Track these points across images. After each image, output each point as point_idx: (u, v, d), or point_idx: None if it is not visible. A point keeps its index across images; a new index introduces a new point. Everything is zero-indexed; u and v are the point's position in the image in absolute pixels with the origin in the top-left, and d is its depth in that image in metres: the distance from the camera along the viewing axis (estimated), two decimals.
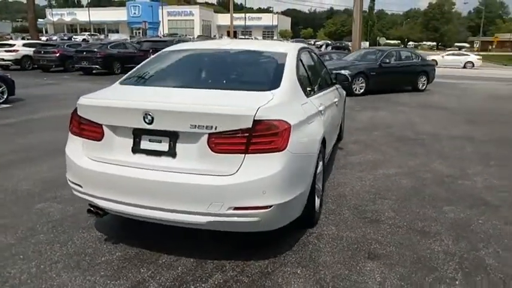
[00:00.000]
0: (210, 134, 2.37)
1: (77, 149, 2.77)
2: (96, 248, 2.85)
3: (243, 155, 2.37)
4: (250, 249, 2.86)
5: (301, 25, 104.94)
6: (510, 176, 4.60)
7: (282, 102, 2.63)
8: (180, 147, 2.47)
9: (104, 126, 2.61)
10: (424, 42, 77.98)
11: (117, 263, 2.66)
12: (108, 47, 17.56)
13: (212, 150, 2.38)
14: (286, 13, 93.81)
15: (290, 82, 2.94)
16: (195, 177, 2.41)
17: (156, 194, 2.47)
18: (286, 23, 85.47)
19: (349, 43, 56.33)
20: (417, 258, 2.79)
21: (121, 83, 3.16)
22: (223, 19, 70.18)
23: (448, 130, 7.15)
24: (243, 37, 42.59)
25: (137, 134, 2.56)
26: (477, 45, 55.22)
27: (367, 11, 66.61)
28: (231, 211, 2.37)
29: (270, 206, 2.40)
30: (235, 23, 36.72)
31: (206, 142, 2.39)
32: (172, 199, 2.44)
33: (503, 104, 11.00)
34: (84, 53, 16.91)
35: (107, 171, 2.59)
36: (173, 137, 2.48)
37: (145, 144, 2.55)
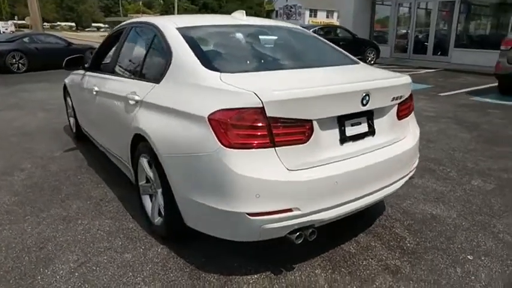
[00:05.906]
0: (398, 104, 2.64)
1: (269, 164, 2.06)
2: None
3: (408, 118, 2.81)
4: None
5: None
6: None
7: None
8: (376, 123, 2.54)
9: (314, 123, 2.21)
10: (62, 23, 74.93)
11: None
12: None
13: (398, 118, 2.66)
14: None
15: None
16: (393, 147, 2.58)
17: (374, 177, 2.43)
18: None
19: None
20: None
21: (222, 72, 2.36)
22: None
23: None
24: None
25: (341, 122, 2.35)
26: None
27: None
28: (412, 169, 2.79)
29: (416, 161, 2.96)
30: None
31: (395, 112, 2.63)
32: (386, 176, 2.50)
33: None
34: None
35: (322, 175, 2.19)
36: (369, 115, 2.49)
37: (349, 130, 2.38)
